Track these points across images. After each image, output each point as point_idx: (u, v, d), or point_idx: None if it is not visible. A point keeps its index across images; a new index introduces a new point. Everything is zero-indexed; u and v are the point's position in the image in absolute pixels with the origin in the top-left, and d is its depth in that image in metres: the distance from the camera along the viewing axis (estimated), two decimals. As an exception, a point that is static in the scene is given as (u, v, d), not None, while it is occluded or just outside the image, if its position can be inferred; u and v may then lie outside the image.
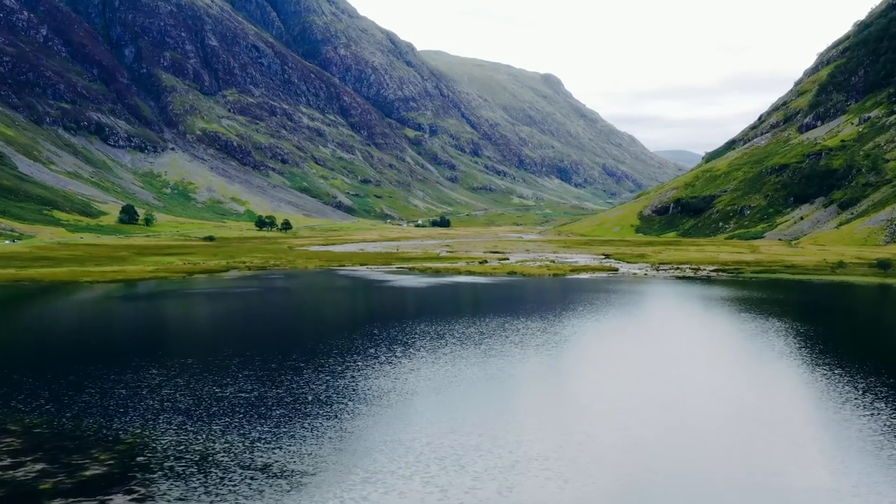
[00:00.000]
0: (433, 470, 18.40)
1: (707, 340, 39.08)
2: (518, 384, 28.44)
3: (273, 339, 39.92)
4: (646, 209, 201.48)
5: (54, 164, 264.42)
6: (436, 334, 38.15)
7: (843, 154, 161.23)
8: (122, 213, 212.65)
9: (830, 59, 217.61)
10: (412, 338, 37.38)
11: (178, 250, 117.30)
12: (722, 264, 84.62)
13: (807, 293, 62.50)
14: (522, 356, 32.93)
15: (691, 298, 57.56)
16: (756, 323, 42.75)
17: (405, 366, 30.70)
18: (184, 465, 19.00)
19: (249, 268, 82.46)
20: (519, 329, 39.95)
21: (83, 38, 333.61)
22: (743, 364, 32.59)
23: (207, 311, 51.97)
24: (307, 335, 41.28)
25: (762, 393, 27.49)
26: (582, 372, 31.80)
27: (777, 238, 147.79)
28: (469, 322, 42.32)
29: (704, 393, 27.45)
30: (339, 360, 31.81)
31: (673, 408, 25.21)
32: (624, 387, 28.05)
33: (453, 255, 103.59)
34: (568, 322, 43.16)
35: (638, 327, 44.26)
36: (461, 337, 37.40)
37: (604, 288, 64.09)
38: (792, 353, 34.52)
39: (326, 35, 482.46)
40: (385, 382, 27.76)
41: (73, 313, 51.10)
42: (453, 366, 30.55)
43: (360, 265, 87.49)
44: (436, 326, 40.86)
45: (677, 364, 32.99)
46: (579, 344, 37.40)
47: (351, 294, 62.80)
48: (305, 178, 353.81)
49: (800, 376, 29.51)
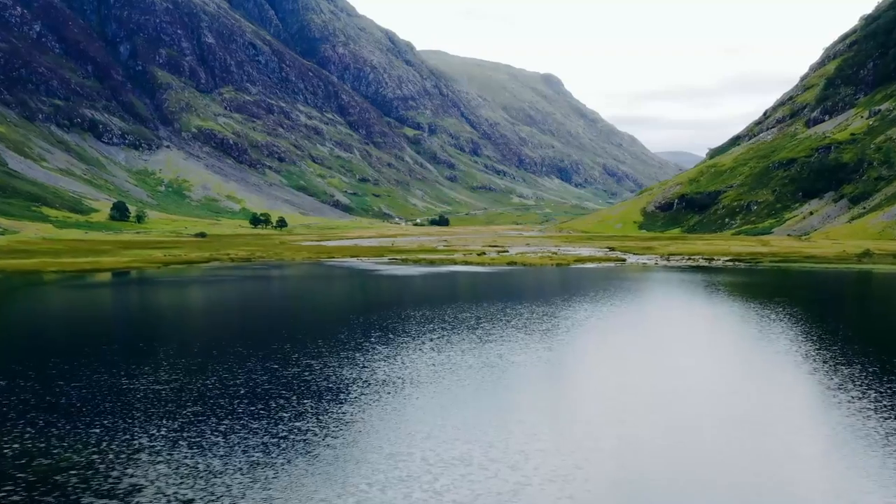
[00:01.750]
0: (427, 470, 14.91)
1: (731, 331, 34.20)
2: (520, 379, 23.57)
3: (240, 327, 35.11)
4: (649, 205, 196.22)
5: (46, 160, 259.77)
6: (423, 319, 33.35)
7: (854, 148, 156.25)
8: (114, 210, 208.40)
9: (837, 53, 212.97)
10: (394, 324, 32.57)
11: (165, 245, 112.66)
12: (735, 255, 79.68)
13: (834, 282, 57.57)
14: (525, 344, 28.10)
15: (709, 287, 52.62)
16: (780, 312, 37.93)
17: (384, 355, 25.88)
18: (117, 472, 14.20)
19: (233, 259, 77.61)
20: (521, 315, 35.10)
21: (77, 34, 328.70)
22: (771, 357, 27.70)
23: (170, 298, 47.07)
24: (279, 322, 36.35)
25: (790, 388, 22.66)
26: (591, 363, 26.95)
27: (786, 234, 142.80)
28: (462, 309, 37.47)
29: (725, 389, 22.64)
30: (308, 350, 27.01)
31: (695, 405, 20.47)
32: (638, 382, 23.25)
33: (450, 248, 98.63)
34: (577, 310, 38.31)
35: (654, 316, 39.41)
36: (452, 323, 32.56)
37: (614, 276, 59.19)
38: (826, 345, 29.67)
39: (325, 33, 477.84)
40: (357, 373, 22.95)
41: (19, 302, 46.22)
42: (441, 354, 25.75)
43: (350, 257, 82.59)
44: (424, 312, 36.03)
45: (701, 357, 28.18)
46: (589, 333, 32.54)
47: (334, 282, 57.88)
48: (303, 176, 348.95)
49: (833, 369, 24.61)
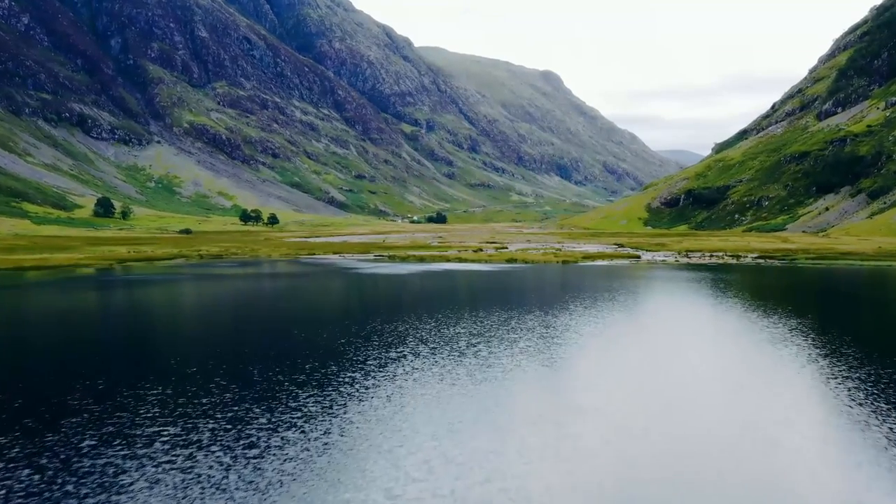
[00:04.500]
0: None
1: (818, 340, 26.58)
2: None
3: (140, 338, 27.59)
4: (654, 201, 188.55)
5: (31, 155, 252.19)
6: (403, 331, 25.89)
7: (871, 140, 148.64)
8: (98, 206, 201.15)
9: (848, 45, 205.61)
10: (342, 347, 25.07)
11: (140, 242, 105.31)
12: (761, 252, 72.12)
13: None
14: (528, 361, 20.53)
15: (761, 289, 44.33)
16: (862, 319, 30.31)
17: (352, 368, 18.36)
18: None
19: (202, 256, 70.01)
20: (527, 331, 27.54)
21: (67, 27, 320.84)
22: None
23: (81, 301, 39.32)
24: (223, 328, 28.79)
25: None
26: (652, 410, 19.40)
27: (801, 230, 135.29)
28: (448, 318, 29.92)
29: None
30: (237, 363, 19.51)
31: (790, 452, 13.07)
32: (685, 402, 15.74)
33: (445, 245, 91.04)
34: (611, 325, 30.69)
35: (726, 331, 31.80)
36: (428, 342, 25.02)
37: (635, 275, 50.94)
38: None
39: (321, 28, 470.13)
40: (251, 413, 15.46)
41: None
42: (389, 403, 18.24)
43: (332, 254, 75.00)
44: (393, 325, 28.50)
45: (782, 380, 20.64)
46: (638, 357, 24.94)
47: (301, 282, 50.09)
48: (297, 172, 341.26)
49: None
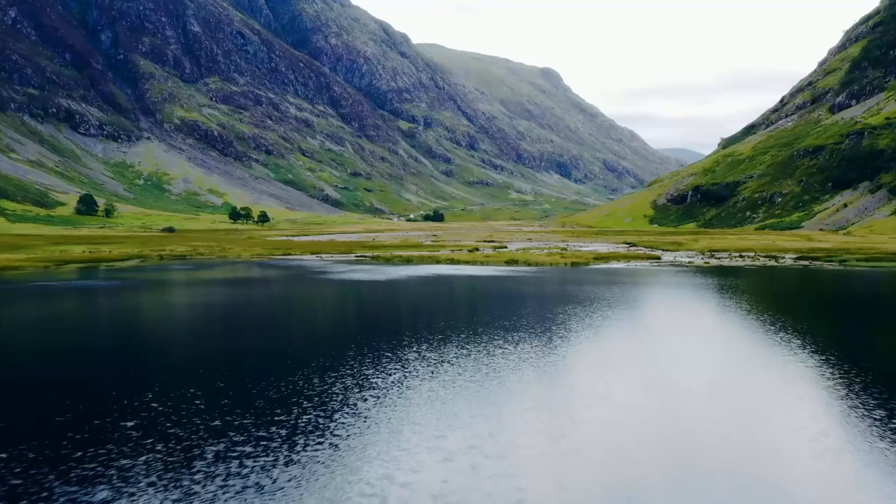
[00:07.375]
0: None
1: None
2: None
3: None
4: (660, 198, 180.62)
5: (15, 151, 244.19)
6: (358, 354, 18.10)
7: (891, 133, 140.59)
8: (80, 204, 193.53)
9: (860, 36, 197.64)
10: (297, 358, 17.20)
11: (109, 241, 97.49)
12: (796, 252, 64.27)
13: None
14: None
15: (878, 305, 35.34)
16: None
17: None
18: None
19: (162, 257, 62.10)
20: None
21: (56, 21, 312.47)
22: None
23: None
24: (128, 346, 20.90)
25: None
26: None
27: (818, 228, 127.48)
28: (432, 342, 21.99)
29: None
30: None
31: None
32: None
33: (438, 244, 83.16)
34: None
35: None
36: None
37: (674, 283, 41.19)
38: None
39: (317, 24, 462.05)
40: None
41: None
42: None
43: (310, 254, 67.15)
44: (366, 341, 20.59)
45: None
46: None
47: (240, 289, 41.64)
48: (291, 170, 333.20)
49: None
